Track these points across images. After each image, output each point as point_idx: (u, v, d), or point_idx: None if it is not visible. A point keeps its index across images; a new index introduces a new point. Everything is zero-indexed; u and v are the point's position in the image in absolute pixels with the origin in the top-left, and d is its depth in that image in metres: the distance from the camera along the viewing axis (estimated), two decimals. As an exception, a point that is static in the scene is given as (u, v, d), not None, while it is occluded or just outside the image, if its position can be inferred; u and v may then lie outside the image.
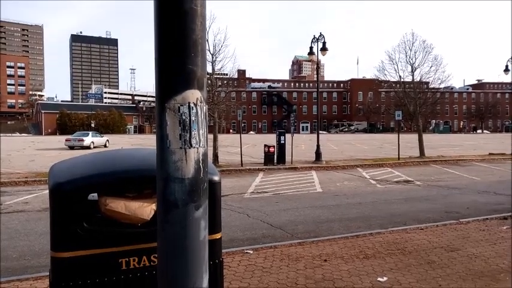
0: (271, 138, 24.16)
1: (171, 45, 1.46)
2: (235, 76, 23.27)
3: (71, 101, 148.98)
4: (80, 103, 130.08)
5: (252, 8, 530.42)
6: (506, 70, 27.17)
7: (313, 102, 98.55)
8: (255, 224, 8.10)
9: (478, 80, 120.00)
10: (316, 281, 4.91)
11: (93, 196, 2.68)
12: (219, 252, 2.88)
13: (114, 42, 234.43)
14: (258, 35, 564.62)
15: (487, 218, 8.27)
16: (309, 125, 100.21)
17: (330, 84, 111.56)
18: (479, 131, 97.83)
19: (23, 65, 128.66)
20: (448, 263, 5.54)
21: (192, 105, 1.47)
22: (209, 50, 18.98)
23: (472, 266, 5.40)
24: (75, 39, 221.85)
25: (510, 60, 26.95)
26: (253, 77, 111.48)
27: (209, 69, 19.42)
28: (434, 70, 24.16)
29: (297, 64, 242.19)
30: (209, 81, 19.18)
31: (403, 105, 25.27)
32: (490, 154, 25.75)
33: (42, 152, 28.01)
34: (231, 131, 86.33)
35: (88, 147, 31.39)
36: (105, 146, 34.78)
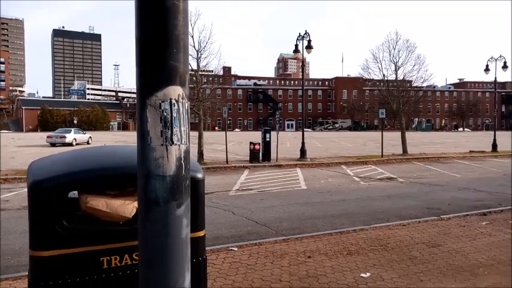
0: (256, 136, 24.15)
1: (152, 40, 1.43)
2: (221, 73, 23.17)
3: (53, 97, 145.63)
4: (62, 99, 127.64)
5: (237, 5, 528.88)
6: (487, 69, 27.77)
7: (299, 100, 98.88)
8: (240, 221, 8.10)
9: (460, 79, 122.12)
10: (300, 277, 4.94)
11: (74, 194, 2.64)
12: (203, 250, 2.87)
13: (97, 38, 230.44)
14: (243, 33, 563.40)
15: (467, 214, 8.45)
16: (294, 122, 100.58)
17: (315, 82, 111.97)
18: (460, 129, 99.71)
19: (2, 59, 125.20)
20: (429, 258, 5.64)
21: (173, 101, 1.45)
22: (194, 47, 18.85)
23: (453, 261, 5.51)
24: (57, 34, 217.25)
25: (490, 59, 27.54)
26: (238, 74, 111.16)
27: (194, 65, 19.30)
28: (417, 69, 24.56)
29: (282, 62, 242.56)
30: (194, 78, 19.06)
31: (386, 104, 25.58)
32: (470, 152, 26.33)
33: (23, 149, 27.42)
34: (216, 128, 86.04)
35: (70, 144, 30.88)
36: (87, 143, 34.23)
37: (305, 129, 24.73)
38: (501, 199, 10.41)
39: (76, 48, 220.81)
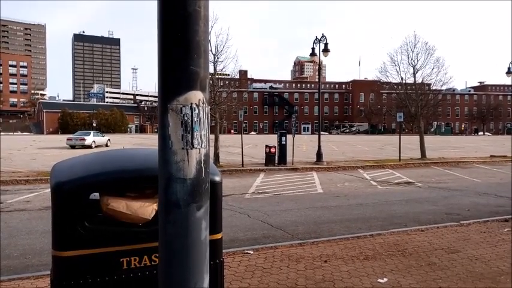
0: (272, 139, 24.16)
1: (174, 46, 1.47)
2: (237, 76, 23.34)
3: (73, 100, 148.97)
4: (81, 102, 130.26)
5: (253, 8, 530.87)
6: (509, 72, 27.13)
7: (315, 103, 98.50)
8: (256, 225, 8.11)
9: (480, 82, 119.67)
10: (316, 281, 4.92)
11: (95, 195, 2.70)
12: (220, 253, 2.89)
13: (116, 42, 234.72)
14: (259, 36, 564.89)
15: (487, 220, 8.26)
16: (310, 125, 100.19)
17: (332, 85, 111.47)
18: (480, 133, 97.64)
19: (25, 64, 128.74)
20: (448, 264, 5.54)
21: (194, 106, 1.48)
22: (211, 51, 19.01)
23: (473, 268, 5.40)
24: (78, 38, 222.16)
25: (512, 62, 26.90)
26: (254, 78, 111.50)
27: (211, 69, 19.45)
28: (436, 72, 24.17)
29: (298, 65, 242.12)
30: (211, 82, 19.20)
31: (404, 107, 25.25)
32: (491, 156, 25.72)
33: (44, 151, 28.06)
34: (232, 131, 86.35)
35: (89, 147, 31.45)
36: (106, 145, 34.83)
37: (321, 133, 24.62)
38: (523, 205, 10.14)
39: (96, 52, 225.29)
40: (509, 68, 27.10)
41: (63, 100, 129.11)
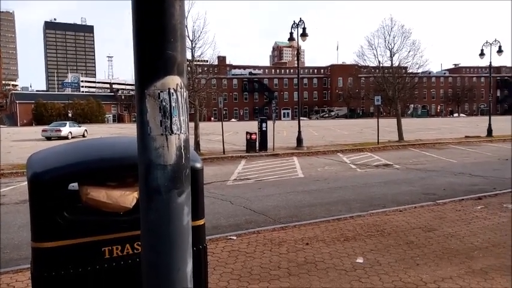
0: (253, 126, 24.16)
1: (150, 30, 1.43)
2: (216, 63, 23.03)
3: (47, 91, 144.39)
4: (56, 92, 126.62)
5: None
6: (482, 54, 27.78)
7: (294, 89, 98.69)
8: (238, 211, 8.16)
9: (455, 65, 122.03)
10: (299, 264, 5.01)
11: (74, 186, 2.65)
12: (203, 238, 2.90)
13: (90, 29, 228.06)
14: (238, 21, 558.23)
15: (462, 199, 8.55)
16: (290, 111, 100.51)
17: (311, 70, 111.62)
18: (455, 114, 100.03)
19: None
20: (425, 242, 5.73)
21: (172, 91, 1.46)
22: (188, 36, 18.72)
23: (448, 245, 5.60)
24: (49, 26, 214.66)
25: (485, 44, 27.53)
26: (233, 64, 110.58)
27: (189, 55, 19.17)
28: (412, 55, 24.54)
29: (277, 50, 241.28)
30: (189, 68, 18.96)
31: (382, 90, 25.60)
32: (466, 137, 26.48)
33: (18, 144, 27.29)
34: (212, 118, 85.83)
35: (66, 138, 30.77)
36: (83, 136, 34.11)
37: (301, 118, 24.75)
38: (496, 183, 10.53)
39: (69, 41, 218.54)
40: (482, 50, 27.74)
41: (37, 91, 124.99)
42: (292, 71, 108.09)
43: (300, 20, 21.43)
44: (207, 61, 22.03)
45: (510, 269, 4.71)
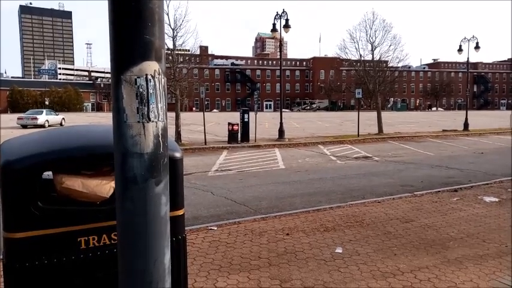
0: (235, 116, 24.04)
1: (126, 14, 1.38)
2: (197, 52, 22.80)
3: (23, 77, 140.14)
4: (32, 79, 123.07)
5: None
6: (460, 50, 28.32)
7: (277, 80, 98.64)
8: (219, 201, 8.14)
9: (434, 60, 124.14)
10: (279, 254, 5.04)
11: (48, 175, 2.57)
12: (182, 229, 2.87)
13: (68, 15, 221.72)
14: (221, 11, 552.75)
15: (439, 191, 8.75)
16: (272, 103, 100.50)
17: (293, 62, 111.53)
18: (434, 108, 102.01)
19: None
20: (403, 233, 5.84)
21: (149, 77, 1.42)
22: (169, 25, 18.43)
23: (425, 236, 5.72)
24: (25, 10, 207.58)
25: (463, 40, 28.07)
26: (216, 54, 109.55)
27: (170, 44, 18.88)
28: (393, 49, 24.86)
29: (260, 41, 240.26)
30: (170, 57, 18.68)
31: (363, 84, 25.86)
32: (443, 131, 27.08)
33: (-8, 131, 26.45)
34: (193, 109, 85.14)
35: (42, 126, 29.98)
36: (61, 124, 33.32)
37: (283, 110, 24.79)
38: (471, 176, 10.82)
39: (46, 26, 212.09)
40: (460, 46, 28.29)
41: (12, 77, 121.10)
42: (274, 62, 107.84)
43: (283, 11, 21.34)
44: (189, 50, 21.74)
45: (491, 257, 4.85)
